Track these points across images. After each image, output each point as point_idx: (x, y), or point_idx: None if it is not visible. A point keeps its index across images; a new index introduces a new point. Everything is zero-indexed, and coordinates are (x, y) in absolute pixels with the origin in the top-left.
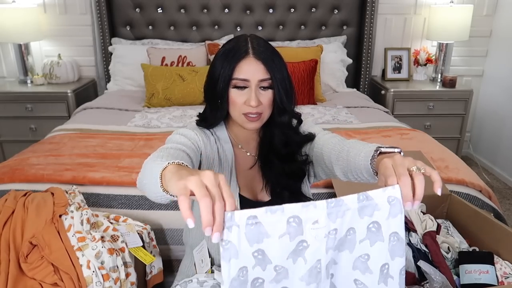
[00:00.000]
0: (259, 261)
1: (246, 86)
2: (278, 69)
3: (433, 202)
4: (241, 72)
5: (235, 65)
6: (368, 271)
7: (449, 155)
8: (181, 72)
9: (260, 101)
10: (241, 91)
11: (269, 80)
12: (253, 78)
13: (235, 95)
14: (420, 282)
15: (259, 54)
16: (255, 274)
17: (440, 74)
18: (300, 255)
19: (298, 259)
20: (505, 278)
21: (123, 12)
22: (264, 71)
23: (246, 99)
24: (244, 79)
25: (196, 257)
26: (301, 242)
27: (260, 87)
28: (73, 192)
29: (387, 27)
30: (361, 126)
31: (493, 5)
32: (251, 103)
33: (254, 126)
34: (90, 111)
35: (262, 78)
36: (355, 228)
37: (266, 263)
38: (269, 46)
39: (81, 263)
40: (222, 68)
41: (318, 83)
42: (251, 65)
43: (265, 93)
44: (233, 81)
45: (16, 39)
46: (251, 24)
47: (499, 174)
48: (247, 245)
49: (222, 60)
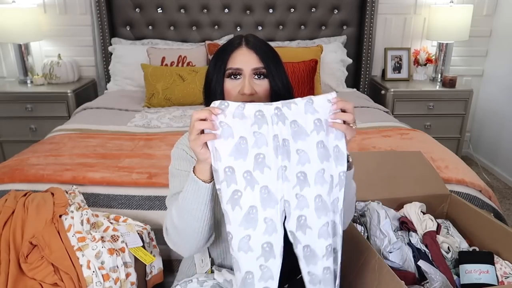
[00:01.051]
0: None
1: (239, 75)
2: (272, 59)
3: (433, 202)
4: (234, 62)
5: (228, 56)
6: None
7: (449, 155)
8: (181, 72)
9: (254, 90)
10: (235, 81)
11: (263, 70)
12: (246, 67)
13: (229, 85)
14: (420, 282)
15: (252, 45)
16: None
17: (440, 74)
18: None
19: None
20: (505, 278)
21: (123, 12)
22: (257, 60)
23: (240, 89)
24: (237, 68)
25: (196, 257)
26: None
27: (254, 76)
28: (73, 192)
29: (387, 27)
30: (361, 126)
31: (493, 5)
32: (245, 90)
33: None
34: (90, 111)
35: (255, 67)
36: (297, 120)
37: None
38: (264, 42)
39: (81, 263)
40: (217, 61)
41: (318, 83)
42: (244, 55)
43: (260, 82)
44: (227, 72)
45: (16, 39)
46: (251, 24)
47: (499, 174)
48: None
49: (217, 56)
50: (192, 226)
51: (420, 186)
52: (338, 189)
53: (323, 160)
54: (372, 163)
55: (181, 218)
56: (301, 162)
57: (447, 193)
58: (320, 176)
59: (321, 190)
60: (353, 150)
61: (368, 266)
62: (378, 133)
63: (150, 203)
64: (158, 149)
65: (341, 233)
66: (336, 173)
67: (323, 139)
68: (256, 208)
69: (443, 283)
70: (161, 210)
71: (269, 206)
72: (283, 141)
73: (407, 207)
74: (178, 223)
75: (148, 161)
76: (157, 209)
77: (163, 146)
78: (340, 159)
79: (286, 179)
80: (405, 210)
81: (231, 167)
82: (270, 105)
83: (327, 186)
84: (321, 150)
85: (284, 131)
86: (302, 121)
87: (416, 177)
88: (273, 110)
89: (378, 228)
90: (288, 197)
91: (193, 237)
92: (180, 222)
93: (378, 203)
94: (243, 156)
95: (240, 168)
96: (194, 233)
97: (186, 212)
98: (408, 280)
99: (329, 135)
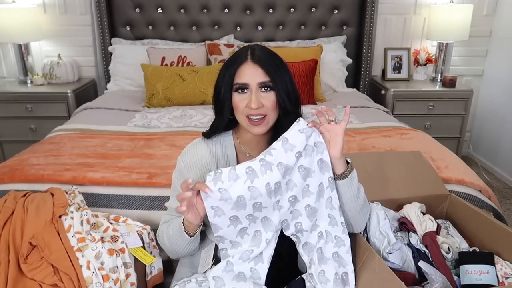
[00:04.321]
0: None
1: (246, 89)
2: (277, 71)
3: (432, 202)
4: (240, 77)
5: (234, 71)
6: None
7: (449, 155)
8: (181, 72)
9: (261, 103)
10: (242, 95)
11: (269, 83)
12: (252, 82)
13: (237, 99)
14: (420, 283)
15: (257, 59)
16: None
17: (440, 74)
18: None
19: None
20: (506, 279)
21: (123, 12)
22: (263, 74)
23: (247, 102)
24: (243, 83)
25: (202, 256)
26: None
27: (261, 89)
28: (73, 193)
29: (387, 27)
30: (361, 126)
31: (493, 5)
32: (251, 105)
33: (260, 130)
34: (90, 111)
35: (261, 81)
36: (282, 161)
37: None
38: (270, 52)
39: (81, 263)
40: (224, 76)
41: (318, 83)
42: (249, 69)
43: (267, 95)
44: (235, 86)
45: (16, 39)
46: (251, 24)
47: (499, 174)
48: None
49: (224, 69)
50: (180, 252)
51: (420, 186)
52: (330, 190)
53: (305, 178)
54: (372, 163)
55: (170, 245)
56: (290, 188)
57: (447, 193)
58: (306, 190)
59: (309, 201)
60: (353, 150)
61: (368, 267)
62: (378, 133)
63: (150, 203)
64: (158, 149)
65: (341, 222)
66: (325, 179)
67: (302, 163)
68: (260, 232)
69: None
70: (161, 210)
71: (269, 229)
72: (274, 184)
73: (406, 208)
74: (169, 246)
75: (148, 161)
76: (157, 209)
77: (163, 146)
78: (325, 168)
79: (281, 208)
80: (404, 211)
81: (235, 216)
82: (255, 160)
83: (314, 196)
84: (303, 172)
85: (273, 176)
86: (285, 159)
87: (415, 177)
88: (259, 163)
89: (377, 229)
90: (285, 217)
91: (181, 255)
92: (170, 246)
93: (377, 204)
94: (243, 207)
95: (242, 214)
96: (182, 254)
97: (174, 244)
98: (408, 281)
99: (311, 155)
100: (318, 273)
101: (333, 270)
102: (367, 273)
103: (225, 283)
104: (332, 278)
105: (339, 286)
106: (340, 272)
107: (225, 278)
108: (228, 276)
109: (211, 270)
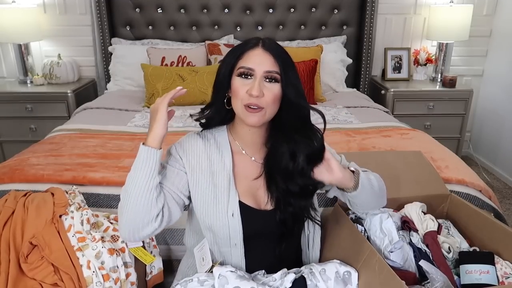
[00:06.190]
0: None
1: (251, 76)
2: (288, 65)
3: (433, 202)
4: (247, 61)
5: (242, 53)
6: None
7: (449, 155)
8: (181, 72)
9: (262, 93)
10: (245, 80)
11: (277, 74)
12: (258, 68)
13: (238, 83)
14: (421, 282)
15: (268, 47)
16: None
17: (440, 74)
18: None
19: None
20: (506, 278)
21: (123, 12)
22: (273, 63)
23: (248, 89)
24: (249, 68)
25: (197, 255)
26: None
27: (266, 79)
28: (73, 192)
29: (387, 27)
30: (361, 126)
31: (493, 5)
32: (253, 91)
33: (255, 120)
34: (90, 111)
35: (268, 70)
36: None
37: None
38: (281, 47)
39: (81, 263)
40: (229, 57)
41: (318, 83)
42: (259, 55)
43: (270, 86)
44: (239, 70)
45: (16, 39)
46: (251, 24)
47: (499, 174)
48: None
49: (231, 52)
50: (138, 201)
51: (420, 186)
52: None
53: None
54: (372, 163)
55: (126, 191)
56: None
57: (447, 193)
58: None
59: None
60: (353, 150)
61: (368, 266)
62: (378, 133)
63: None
64: None
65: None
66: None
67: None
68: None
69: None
70: None
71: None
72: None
73: (407, 207)
74: (123, 196)
75: None
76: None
77: (163, 146)
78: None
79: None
80: (406, 210)
81: (238, 287)
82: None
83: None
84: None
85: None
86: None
87: (416, 177)
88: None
89: (378, 228)
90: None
91: (139, 210)
92: (125, 195)
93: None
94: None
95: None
96: (140, 205)
97: (132, 184)
98: (408, 280)
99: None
100: (319, 271)
101: (333, 269)
102: (367, 272)
103: (229, 281)
104: (333, 277)
105: (339, 284)
106: (341, 271)
107: (229, 277)
108: (232, 275)
109: (220, 268)
